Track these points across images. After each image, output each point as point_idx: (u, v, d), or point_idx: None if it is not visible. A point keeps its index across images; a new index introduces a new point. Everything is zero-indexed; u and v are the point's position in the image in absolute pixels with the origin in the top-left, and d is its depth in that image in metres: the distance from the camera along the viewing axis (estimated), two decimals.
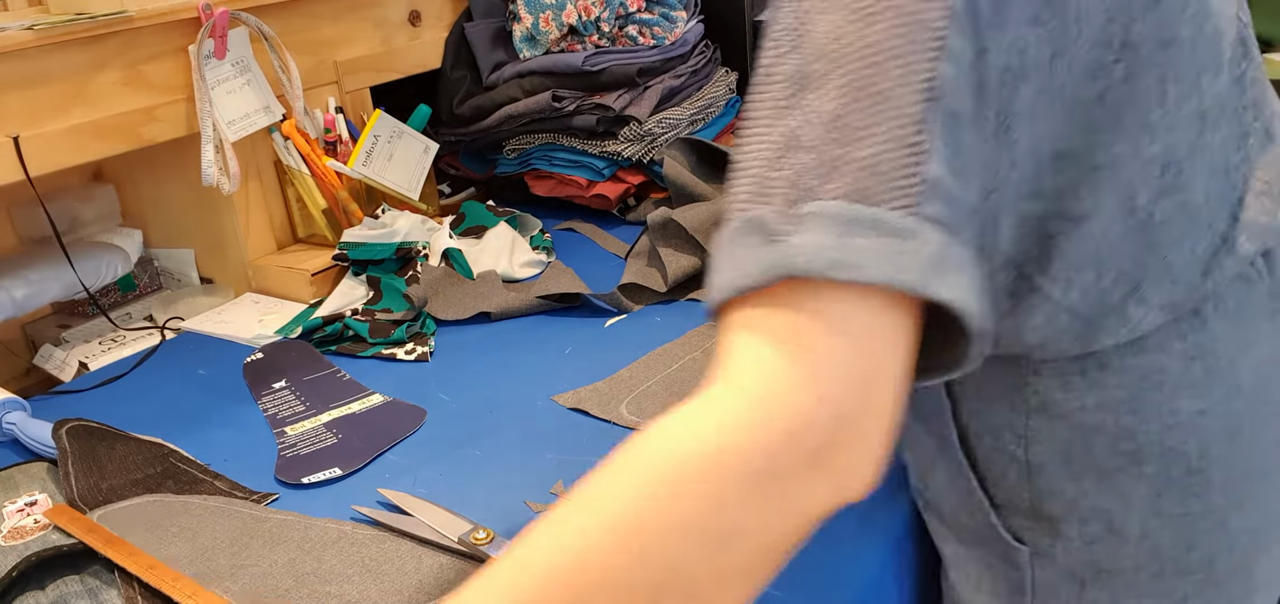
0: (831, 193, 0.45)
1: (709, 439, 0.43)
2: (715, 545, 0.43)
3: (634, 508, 0.44)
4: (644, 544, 0.43)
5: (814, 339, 0.43)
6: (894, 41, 0.46)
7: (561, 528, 0.45)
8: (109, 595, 0.74)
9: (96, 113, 1.12)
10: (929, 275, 0.43)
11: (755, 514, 0.43)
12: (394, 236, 1.25)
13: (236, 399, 1.04)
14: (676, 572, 0.43)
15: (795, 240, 0.44)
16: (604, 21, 1.44)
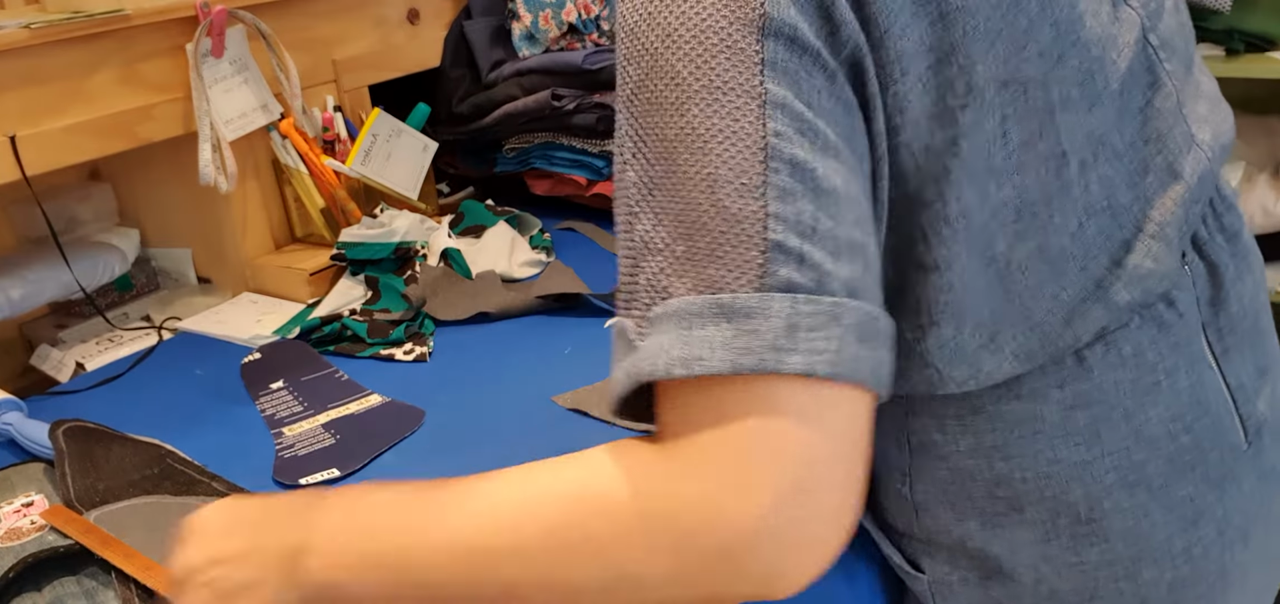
0: (682, 290, 0.45)
1: (624, 485, 0.47)
2: (599, 577, 0.47)
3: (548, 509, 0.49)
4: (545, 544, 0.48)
5: (689, 438, 0.44)
6: (711, 121, 0.45)
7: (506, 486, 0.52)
8: (106, 596, 0.74)
9: (93, 112, 1.12)
10: (773, 352, 0.42)
11: (647, 571, 0.46)
12: (392, 236, 1.24)
13: (234, 400, 1.03)
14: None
15: (644, 345, 0.45)
16: (604, 19, 1.43)
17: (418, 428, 0.93)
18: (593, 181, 1.43)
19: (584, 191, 1.44)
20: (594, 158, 1.42)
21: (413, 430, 0.93)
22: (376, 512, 0.53)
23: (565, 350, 1.06)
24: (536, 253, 1.32)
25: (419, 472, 0.86)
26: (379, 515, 0.53)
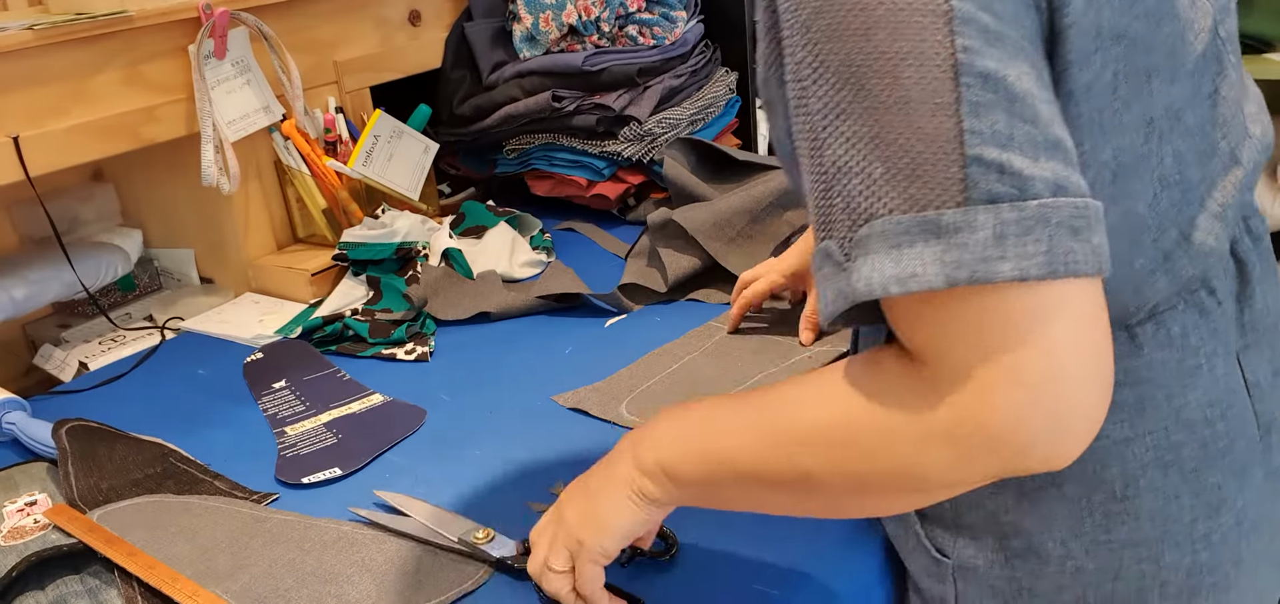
0: (884, 210, 0.46)
1: (902, 396, 0.50)
2: (885, 471, 0.51)
3: (833, 410, 0.53)
4: (830, 438, 0.53)
5: (934, 349, 0.48)
6: (898, 44, 0.46)
7: (796, 387, 0.56)
8: (109, 595, 0.74)
9: (96, 112, 1.12)
10: (984, 262, 0.44)
11: (930, 468, 0.50)
12: (394, 236, 1.25)
13: (236, 399, 1.04)
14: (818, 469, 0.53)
15: (855, 267, 0.47)
16: (604, 21, 1.44)
17: (419, 427, 0.94)
18: (593, 182, 1.43)
19: (584, 192, 1.44)
20: (594, 158, 1.42)
21: (414, 430, 0.93)
22: (696, 415, 0.61)
23: (565, 350, 1.06)
24: (537, 253, 1.32)
25: (421, 471, 0.86)
26: (698, 417, 0.60)
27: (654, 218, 1.21)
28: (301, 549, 0.76)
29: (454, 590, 0.70)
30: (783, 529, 0.73)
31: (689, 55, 1.50)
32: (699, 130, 1.48)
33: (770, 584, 0.68)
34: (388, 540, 0.76)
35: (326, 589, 0.71)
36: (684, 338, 1.05)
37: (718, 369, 0.97)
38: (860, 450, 0.52)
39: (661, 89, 1.44)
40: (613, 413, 0.91)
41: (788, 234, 1.21)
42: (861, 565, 0.72)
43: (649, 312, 1.14)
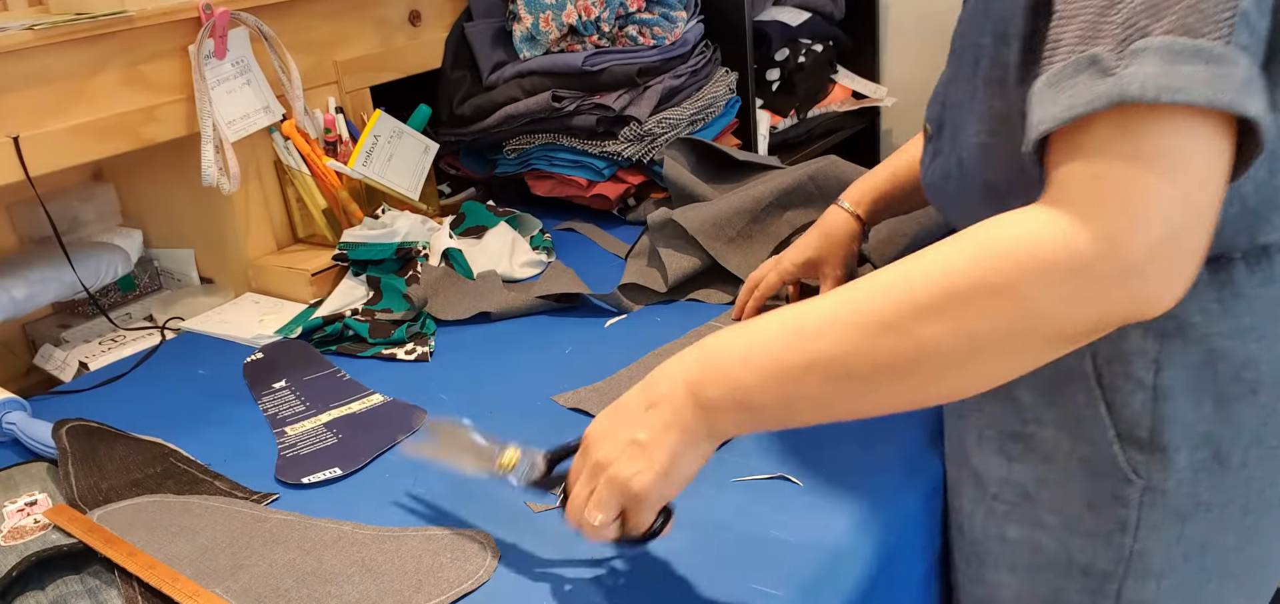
0: (1159, 30, 0.51)
1: (1028, 233, 0.52)
2: (1010, 317, 0.53)
3: (954, 266, 0.55)
4: (952, 294, 0.54)
5: (1141, 163, 0.50)
6: None
7: (891, 271, 0.57)
8: (109, 595, 0.74)
9: (96, 113, 1.12)
10: (1241, 95, 0.50)
11: (1055, 304, 0.52)
12: (394, 236, 1.25)
13: (236, 399, 1.04)
14: (966, 325, 0.54)
15: (1127, 72, 0.51)
16: (604, 21, 1.44)
17: (419, 427, 0.94)
18: (593, 182, 1.43)
19: (584, 192, 1.44)
20: (594, 158, 1.42)
21: (414, 429, 0.93)
22: (764, 335, 0.61)
23: (565, 350, 1.06)
24: (537, 253, 1.32)
25: (421, 470, 0.86)
26: (769, 336, 0.60)
27: (654, 218, 1.21)
28: (301, 549, 0.76)
29: (454, 590, 0.70)
30: (781, 533, 0.73)
31: (689, 55, 1.50)
32: (699, 130, 1.48)
33: (770, 584, 0.68)
34: (388, 540, 0.76)
35: (326, 589, 0.71)
36: (684, 338, 1.05)
37: None
38: (986, 304, 0.53)
39: (661, 89, 1.44)
40: None
41: (787, 234, 1.21)
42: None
43: (649, 311, 1.14)
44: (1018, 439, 0.73)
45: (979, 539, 0.77)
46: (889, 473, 0.80)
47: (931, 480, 0.81)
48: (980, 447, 0.75)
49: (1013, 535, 0.74)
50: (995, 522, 0.75)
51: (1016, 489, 0.74)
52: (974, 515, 0.76)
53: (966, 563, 0.79)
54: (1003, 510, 0.74)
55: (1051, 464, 0.72)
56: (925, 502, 0.79)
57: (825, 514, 0.75)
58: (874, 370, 0.57)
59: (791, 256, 1.05)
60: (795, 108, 1.85)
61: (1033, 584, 0.74)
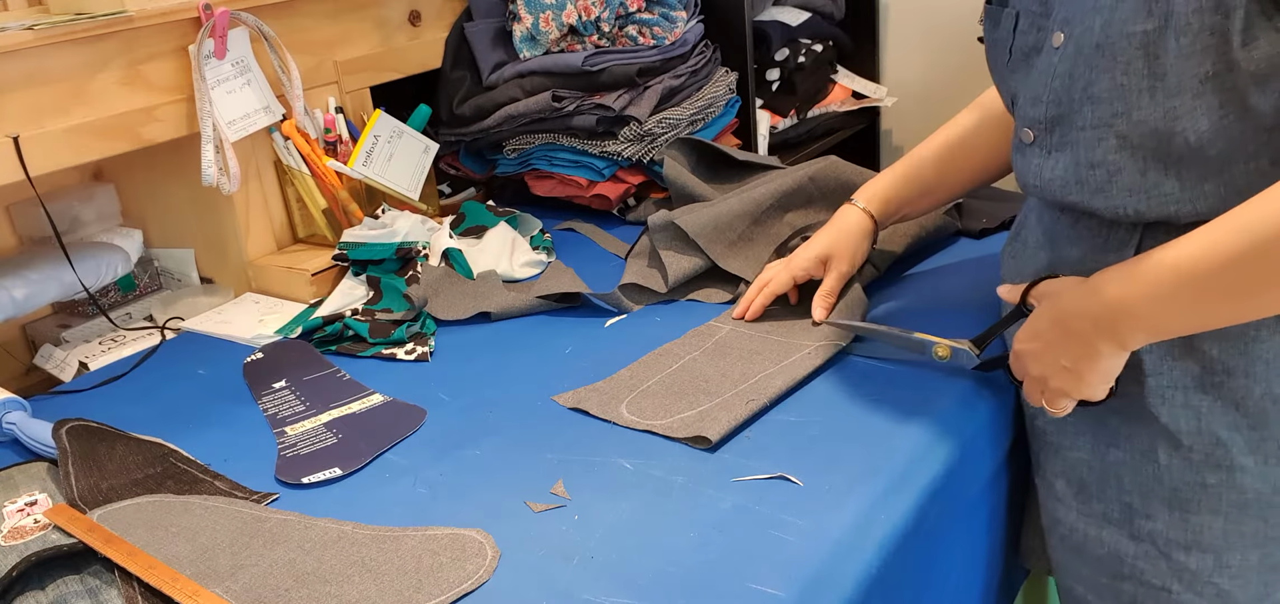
0: None
1: None
2: None
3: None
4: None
5: None
6: None
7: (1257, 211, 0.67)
8: (109, 595, 0.74)
9: (96, 113, 1.12)
10: None
11: None
12: (394, 236, 1.25)
13: (236, 399, 1.04)
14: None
15: None
16: (604, 21, 1.44)
17: (419, 427, 0.94)
18: (593, 182, 1.43)
19: (584, 192, 1.44)
20: (594, 158, 1.42)
21: (414, 429, 0.93)
22: (1175, 277, 0.71)
23: (566, 350, 1.06)
24: (537, 253, 1.32)
25: (421, 470, 0.86)
26: (1180, 280, 0.71)
27: (654, 220, 1.21)
28: (301, 549, 0.76)
29: (454, 590, 0.70)
30: (781, 533, 0.74)
31: (689, 55, 1.50)
32: (699, 130, 1.48)
33: (770, 584, 0.68)
34: (388, 540, 0.76)
35: (326, 589, 0.71)
36: (684, 338, 1.05)
37: (717, 369, 0.97)
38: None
39: (661, 89, 1.44)
40: (613, 413, 0.91)
41: (788, 236, 1.21)
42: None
43: (649, 311, 1.14)
44: (1206, 389, 0.80)
45: (1178, 487, 0.83)
46: (889, 473, 0.80)
47: (932, 480, 0.81)
48: (1166, 403, 0.82)
49: (1212, 481, 0.81)
50: (1193, 470, 0.82)
51: (1209, 438, 0.80)
52: (1170, 466, 0.82)
53: (1169, 510, 0.84)
54: (1199, 459, 0.81)
55: (1242, 409, 0.79)
56: (927, 499, 0.79)
57: (825, 514, 0.75)
58: (1271, 287, 0.68)
59: (802, 255, 1.06)
60: (795, 108, 1.85)
61: (1239, 521, 0.81)
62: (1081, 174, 0.80)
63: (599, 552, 0.73)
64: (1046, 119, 0.81)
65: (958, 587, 0.90)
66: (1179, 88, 0.71)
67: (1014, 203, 1.27)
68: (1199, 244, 0.70)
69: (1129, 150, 0.76)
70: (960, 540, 0.89)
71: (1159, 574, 0.85)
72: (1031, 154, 0.84)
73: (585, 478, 0.82)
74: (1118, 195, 0.78)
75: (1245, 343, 0.78)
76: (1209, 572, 0.83)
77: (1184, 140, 0.73)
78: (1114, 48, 0.73)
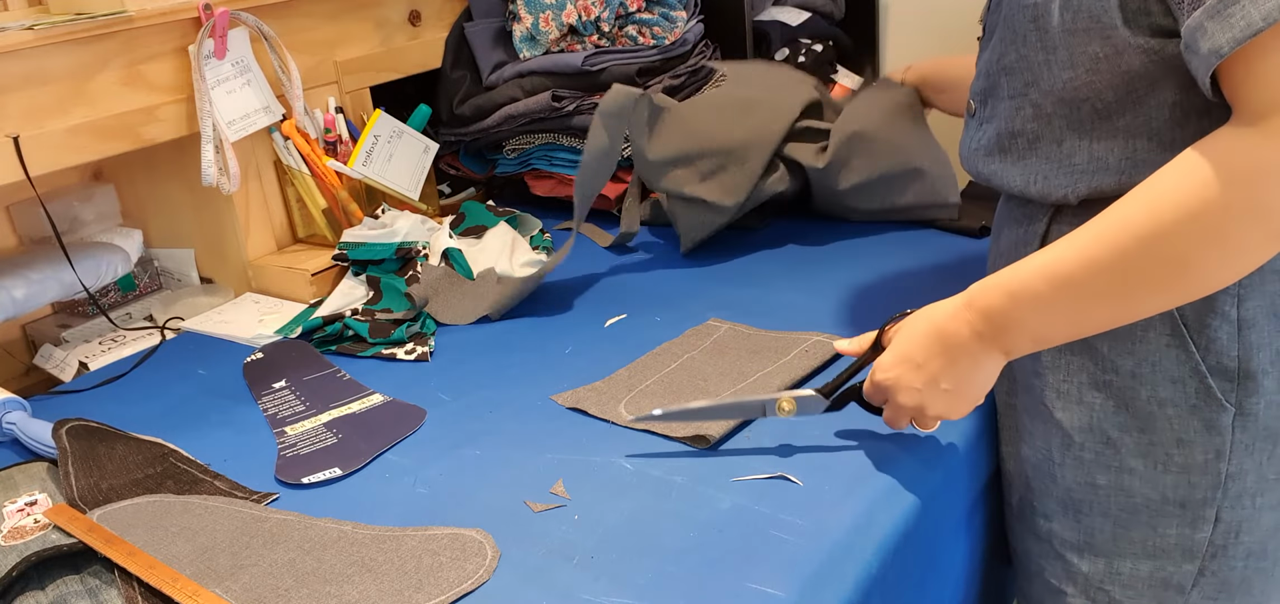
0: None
1: (1251, 148, 0.62)
2: (1262, 226, 0.63)
3: (1164, 192, 0.65)
4: (1163, 218, 0.65)
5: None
6: None
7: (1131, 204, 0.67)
8: (109, 595, 0.74)
9: (96, 113, 1.12)
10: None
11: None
12: (394, 236, 1.25)
13: (236, 399, 1.04)
14: (1177, 246, 0.65)
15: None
16: (604, 21, 1.44)
17: (419, 427, 0.94)
18: None
19: None
20: None
21: (414, 429, 0.93)
22: (1051, 286, 0.71)
23: (565, 350, 1.06)
24: (537, 253, 1.32)
25: (421, 470, 0.86)
26: (1056, 288, 0.70)
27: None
28: (301, 549, 0.76)
29: (454, 590, 0.70)
30: (781, 533, 0.74)
31: (689, 55, 1.50)
32: None
33: (770, 584, 0.68)
34: (388, 540, 0.76)
35: (326, 589, 0.72)
36: (683, 337, 1.05)
37: (717, 368, 0.97)
38: (1240, 221, 0.63)
39: (661, 89, 1.43)
40: (612, 413, 0.91)
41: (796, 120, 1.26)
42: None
43: (648, 312, 1.14)
44: (1098, 388, 0.79)
45: (1071, 487, 0.83)
46: (889, 473, 0.80)
47: (931, 480, 0.81)
48: (1061, 400, 0.81)
49: (1102, 482, 0.81)
50: (1084, 470, 0.81)
51: (1100, 437, 0.80)
52: (1063, 464, 0.82)
53: (1063, 511, 0.84)
54: (1090, 458, 0.81)
55: (1131, 410, 0.78)
56: (926, 500, 0.79)
57: (825, 514, 0.75)
58: (1143, 289, 0.68)
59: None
60: None
61: (1128, 526, 0.81)
62: (1004, 143, 0.81)
63: (599, 552, 0.73)
64: (980, 92, 0.84)
65: (957, 587, 0.90)
66: (1071, 62, 0.73)
67: None
68: (1069, 249, 0.69)
69: (1044, 119, 0.77)
70: (959, 541, 0.89)
71: (1056, 576, 0.86)
72: (970, 126, 0.87)
73: (585, 478, 0.82)
74: (1036, 163, 0.78)
75: (1133, 342, 0.77)
76: (1101, 578, 0.83)
77: (1091, 107, 0.74)
78: (1013, 21, 0.76)
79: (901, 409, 0.79)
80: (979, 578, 0.95)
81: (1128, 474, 0.79)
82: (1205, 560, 0.79)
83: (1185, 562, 0.80)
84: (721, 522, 0.75)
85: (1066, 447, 0.82)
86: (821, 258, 1.23)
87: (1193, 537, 0.79)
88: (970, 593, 0.94)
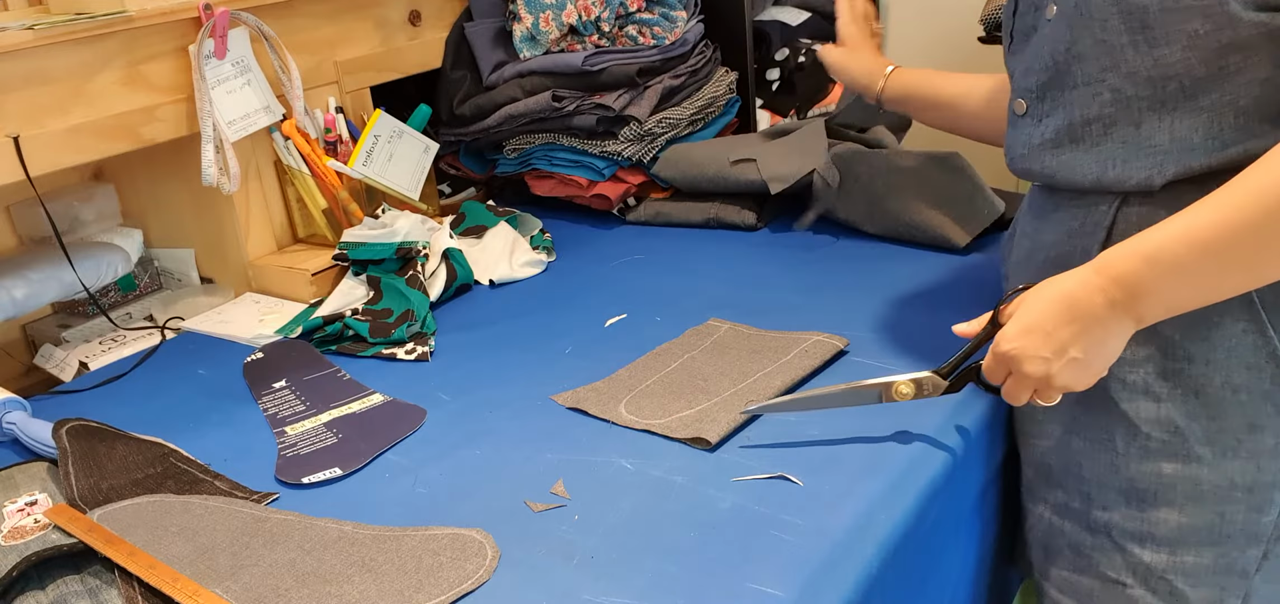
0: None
1: None
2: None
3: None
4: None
5: None
6: None
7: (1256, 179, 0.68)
8: (109, 595, 0.74)
9: (96, 112, 1.12)
10: None
11: None
12: (394, 236, 1.25)
13: (236, 399, 1.04)
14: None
15: None
16: (604, 21, 1.44)
17: (419, 427, 0.94)
18: (593, 182, 1.43)
19: (584, 192, 1.44)
20: (594, 158, 1.42)
21: (414, 429, 0.93)
22: (1189, 253, 0.71)
23: (565, 350, 1.06)
24: (537, 253, 1.32)
25: (421, 470, 0.86)
26: (1196, 255, 0.71)
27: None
28: (301, 549, 0.76)
29: (454, 590, 0.70)
30: (781, 533, 0.74)
31: (689, 55, 1.50)
32: (699, 131, 1.48)
33: (770, 584, 0.68)
34: (388, 540, 0.76)
35: (326, 589, 0.72)
36: (683, 337, 1.05)
37: (717, 368, 0.97)
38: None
39: (661, 89, 1.44)
40: (612, 412, 0.91)
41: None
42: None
43: (648, 311, 1.14)
44: (1166, 377, 0.80)
45: (1134, 477, 0.83)
46: (889, 473, 0.80)
47: (931, 480, 0.81)
48: (1127, 391, 0.82)
49: (1168, 471, 0.81)
50: (1149, 459, 0.82)
51: (1167, 425, 0.80)
52: (1127, 454, 0.83)
53: (1125, 501, 0.84)
54: (1156, 447, 0.81)
55: (1201, 398, 0.79)
56: (926, 500, 0.79)
57: (825, 514, 0.75)
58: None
59: None
60: (795, 108, 1.85)
61: (1193, 514, 0.81)
62: (1075, 132, 0.80)
63: (599, 552, 0.73)
64: (1038, 87, 0.83)
65: (956, 587, 0.90)
66: (1165, 39, 0.72)
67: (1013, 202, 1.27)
68: (1207, 215, 0.69)
69: (1123, 103, 0.76)
70: (959, 541, 0.89)
71: (1114, 568, 0.86)
72: (1022, 125, 0.86)
73: (585, 478, 0.82)
74: (1111, 149, 0.78)
75: (1208, 329, 0.77)
76: (1163, 568, 0.83)
77: (1178, 85, 0.73)
78: (1088, 7, 0.75)
79: (1026, 380, 0.78)
80: (980, 577, 0.95)
81: (1195, 462, 0.80)
82: (1270, 544, 0.80)
83: (1250, 546, 0.81)
84: (721, 522, 0.75)
85: (1131, 436, 0.82)
86: (822, 258, 1.23)
87: (1259, 521, 0.80)
88: (971, 592, 0.94)
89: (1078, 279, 0.75)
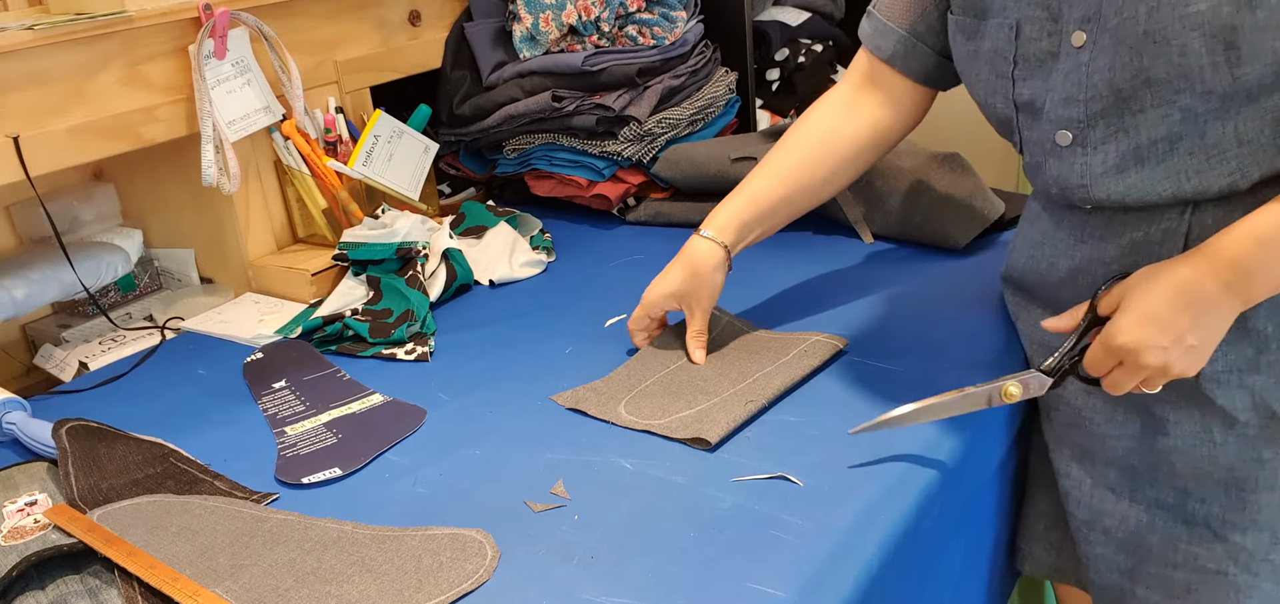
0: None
1: None
2: None
3: None
4: None
5: None
6: None
7: None
8: (109, 595, 0.74)
9: (96, 113, 1.12)
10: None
11: None
12: (394, 236, 1.25)
13: (236, 399, 1.04)
14: None
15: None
16: (604, 21, 1.44)
17: (419, 427, 0.94)
18: (593, 182, 1.43)
19: (584, 192, 1.44)
20: (594, 158, 1.42)
21: (414, 429, 0.93)
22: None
23: (565, 350, 1.06)
24: (537, 253, 1.32)
25: (421, 470, 0.86)
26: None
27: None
28: (301, 549, 0.76)
29: (454, 590, 0.70)
30: (781, 533, 0.74)
31: (689, 55, 1.50)
32: (699, 131, 1.48)
33: (770, 584, 0.68)
34: (388, 540, 0.76)
35: (326, 589, 0.72)
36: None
37: (716, 368, 0.97)
38: None
39: (661, 89, 1.44)
40: (611, 413, 0.91)
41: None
42: None
43: None
44: (1258, 370, 0.82)
45: (1234, 465, 0.84)
46: (889, 473, 0.80)
47: (931, 481, 0.81)
48: (1221, 387, 0.83)
49: (1268, 456, 0.83)
50: (1248, 446, 0.84)
51: (1264, 412, 0.83)
52: (1225, 445, 0.84)
53: (1225, 492, 0.85)
54: (1254, 434, 0.83)
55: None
56: (927, 500, 0.79)
57: (825, 514, 0.75)
58: None
59: (657, 290, 1.01)
60: (795, 108, 1.85)
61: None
62: (1142, 153, 0.80)
63: (599, 552, 0.73)
64: (1086, 116, 0.81)
65: (956, 587, 0.90)
66: (1252, 57, 0.72)
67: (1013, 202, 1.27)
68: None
69: (1191, 119, 0.77)
70: (959, 541, 0.89)
71: (1214, 557, 0.86)
72: (1071, 155, 0.84)
73: (585, 478, 0.82)
74: (1180, 161, 0.79)
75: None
76: (1265, 550, 0.85)
77: (1246, 93, 0.74)
78: (1166, 32, 0.74)
79: (1141, 370, 0.78)
80: (980, 577, 0.95)
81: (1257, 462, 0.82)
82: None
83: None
84: (721, 522, 0.75)
85: (1228, 427, 0.84)
86: (822, 258, 1.23)
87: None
88: (971, 592, 0.94)
89: (1189, 266, 0.76)
